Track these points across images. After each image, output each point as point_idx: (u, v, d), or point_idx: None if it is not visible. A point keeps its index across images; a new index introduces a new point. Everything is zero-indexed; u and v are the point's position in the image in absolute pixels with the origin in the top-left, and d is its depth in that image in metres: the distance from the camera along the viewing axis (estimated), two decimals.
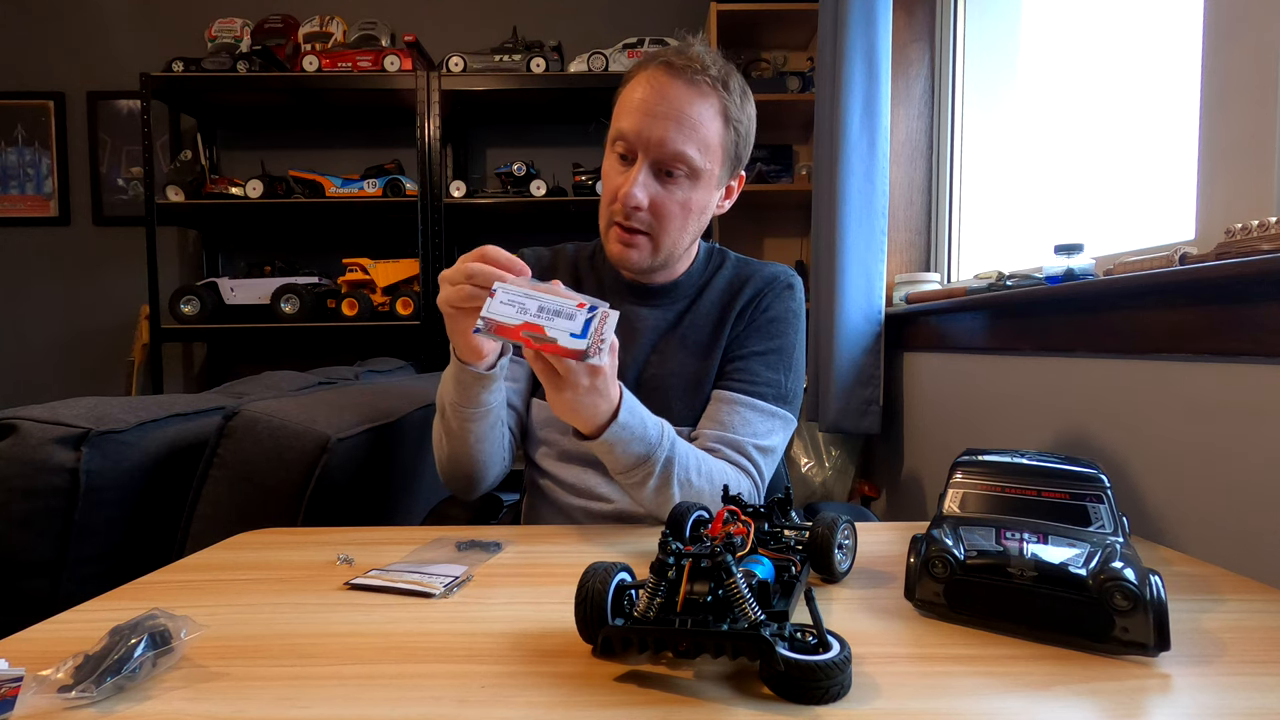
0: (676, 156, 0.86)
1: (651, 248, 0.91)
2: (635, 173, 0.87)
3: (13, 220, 2.81)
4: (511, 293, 0.65)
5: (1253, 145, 0.88)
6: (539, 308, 0.64)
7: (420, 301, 2.49)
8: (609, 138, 0.91)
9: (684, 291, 0.99)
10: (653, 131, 0.86)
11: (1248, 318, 0.77)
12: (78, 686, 0.42)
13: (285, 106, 2.69)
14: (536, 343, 0.63)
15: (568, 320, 0.63)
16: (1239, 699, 0.42)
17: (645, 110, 0.86)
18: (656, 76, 0.87)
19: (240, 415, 0.94)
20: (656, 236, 0.91)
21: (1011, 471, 0.59)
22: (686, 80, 0.86)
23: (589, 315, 0.64)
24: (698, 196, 0.90)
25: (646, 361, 0.96)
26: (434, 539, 0.76)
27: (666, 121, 0.85)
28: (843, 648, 0.42)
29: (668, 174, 0.88)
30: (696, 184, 0.89)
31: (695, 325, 0.97)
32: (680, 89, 0.86)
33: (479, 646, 0.49)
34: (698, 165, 0.88)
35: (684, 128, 0.86)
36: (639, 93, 0.88)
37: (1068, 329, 1.10)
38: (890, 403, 1.86)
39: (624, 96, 0.90)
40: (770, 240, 2.81)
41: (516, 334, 0.63)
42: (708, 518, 0.65)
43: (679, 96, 0.86)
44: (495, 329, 0.64)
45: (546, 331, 0.63)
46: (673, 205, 0.89)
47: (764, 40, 2.70)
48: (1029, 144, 1.70)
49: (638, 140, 0.87)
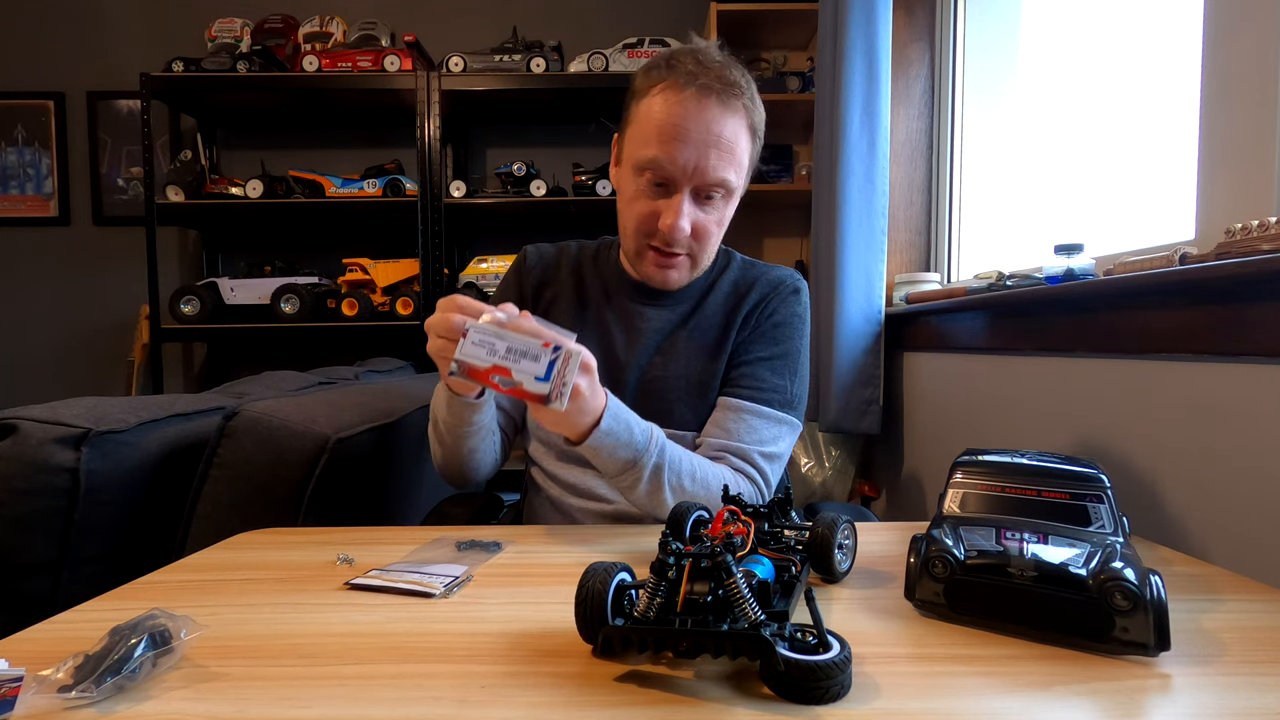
0: (719, 184, 0.86)
1: (690, 266, 0.93)
2: (679, 204, 0.86)
3: (13, 220, 2.81)
4: (483, 332, 0.67)
5: (1253, 145, 0.88)
6: (507, 349, 0.66)
7: (420, 302, 2.49)
8: (634, 160, 0.88)
9: (690, 292, 0.99)
10: (694, 160, 0.84)
11: (1248, 318, 0.77)
12: (78, 686, 0.42)
13: (285, 106, 2.69)
14: (504, 387, 0.66)
15: (533, 362, 0.66)
16: (1239, 699, 0.42)
17: (682, 136, 0.83)
18: (689, 100, 0.84)
19: (240, 415, 0.94)
20: (696, 256, 0.92)
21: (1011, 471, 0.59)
22: (721, 102, 0.84)
23: (553, 356, 0.66)
24: (729, 211, 0.92)
25: (650, 362, 0.96)
26: (434, 539, 0.76)
27: (706, 149, 0.84)
28: (843, 648, 0.42)
29: (706, 197, 0.88)
30: (729, 201, 0.91)
31: (701, 328, 0.97)
32: (715, 112, 0.84)
33: (479, 646, 0.49)
34: (734, 186, 0.89)
35: (723, 153, 0.85)
36: (670, 115, 0.84)
37: (1068, 329, 1.10)
38: (890, 403, 1.86)
39: (645, 112, 0.87)
40: (770, 240, 2.81)
41: (486, 377, 0.66)
42: (708, 518, 0.65)
43: (715, 120, 0.84)
44: (468, 372, 0.66)
45: (513, 374, 0.66)
46: (711, 226, 0.90)
47: (764, 40, 2.70)
48: (1029, 144, 1.70)
49: (678, 171, 0.85)
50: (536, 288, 1.02)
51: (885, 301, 1.80)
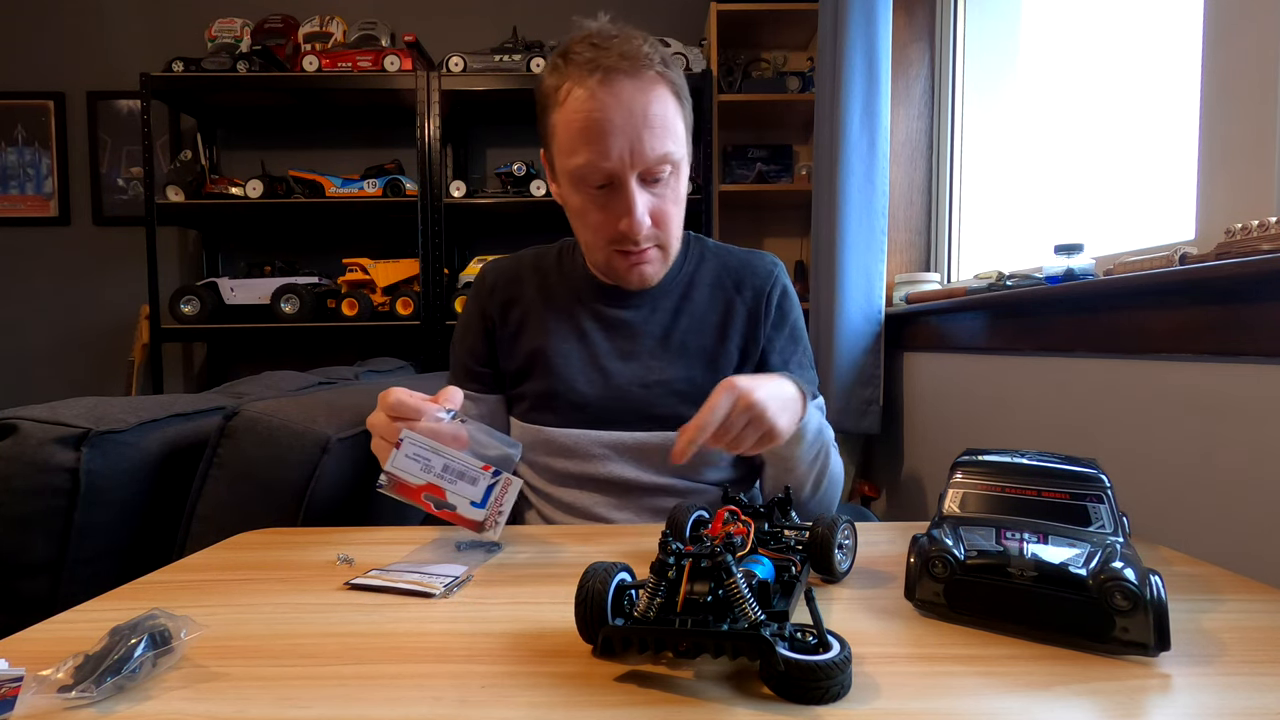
0: (662, 160, 0.81)
1: (662, 256, 0.90)
2: (630, 198, 0.81)
3: (13, 220, 2.82)
4: (418, 445, 0.63)
5: (1253, 145, 0.88)
6: (444, 466, 0.62)
7: (420, 302, 2.49)
8: (569, 173, 0.83)
9: (666, 286, 0.95)
10: (628, 146, 0.79)
11: (1248, 318, 0.77)
12: (78, 686, 0.42)
13: (285, 106, 2.69)
14: (436, 508, 0.62)
15: (470, 485, 0.62)
16: (1239, 699, 0.42)
17: (607, 129, 0.79)
18: (598, 89, 0.78)
19: (240, 415, 0.94)
20: (664, 243, 0.89)
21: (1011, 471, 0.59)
22: (635, 77, 0.79)
23: (491, 482, 0.62)
24: (683, 186, 0.88)
25: (649, 367, 0.93)
26: (434, 539, 0.76)
27: (637, 132, 0.79)
28: (843, 648, 0.42)
29: (654, 179, 0.83)
30: (679, 174, 0.86)
31: (695, 326, 0.94)
32: (631, 89, 0.79)
33: (479, 646, 0.49)
34: (678, 158, 0.84)
35: (655, 129, 0.80)
36: (587, 113, 0.79)
37: (1068, 329, 1.10)
38: (890, 403, 1.86)
39: (564, 121, 0.81)
40: (770, 240, 2.81)
41: (417, 496, 0.62)
42: (708, 518, 0.65)
43: (635, 97, 0.79)
44: (397, 488, 0.62)
45: (447, 496, 0.62)
46: (669, 206, 0.86)
47: (764, 40, 2.70)
48: (1029, 144, 1.70)
49: (615, 165, 0.80)
50: (502, 309, 0.96)
51: (885, 301, 1.80)
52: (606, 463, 0.90)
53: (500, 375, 0.97)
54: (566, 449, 0.91)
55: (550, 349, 0.93)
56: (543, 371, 0.92)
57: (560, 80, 0.82)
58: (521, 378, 0.95)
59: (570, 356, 0.92)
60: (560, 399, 0.91)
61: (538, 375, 0.93)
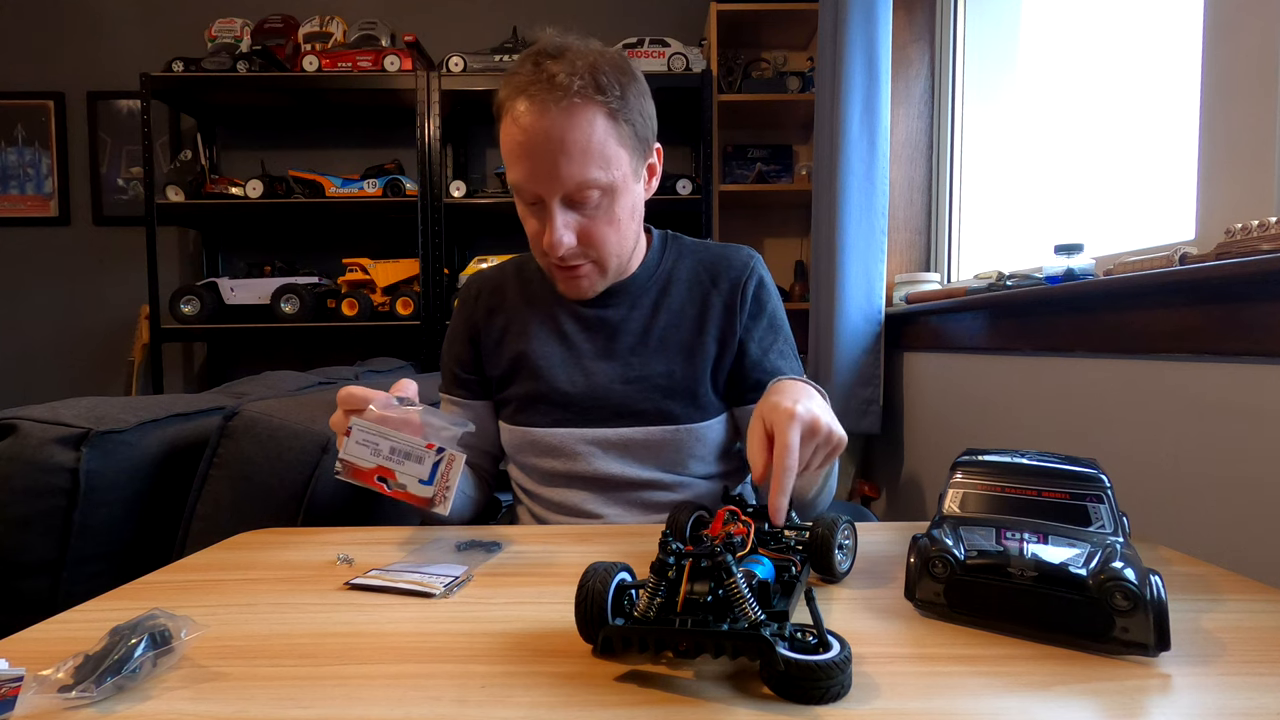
0: (580, 185, 0.81)
1: (598, 271, 0.90)
2: (551, 218, 0.82)
3: (13, 220, 2.81)
4: (366, 431, 0.66)
5: (1253, 145, 0.88)
6: (391, 449, 0.65)
7: (420, 302, 2.49)
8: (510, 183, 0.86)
9: (644, 284, 0.96)
10: (547, 172, 0.81)
11: (1248, 318, 0.77)
12: (78, 686, 0.42)
13: (285, 106, 2.69)
14: (389, 489, 0.65)
15: (416, 464, 0.65)
16: (1239, 699, 0.42)
17: (527, 154, 0.81)
18: (522, 116, 0.80)
19: (240, 415, 0.94)
20: (600, 260, 0.88)
21: (1011, 471, 0.59)
22: (555, 102, 0.79)
23: (436, 458, 0.65)
24: (621, 205, 0.86)
25: (628, 363, 0.93)
26: (434, 539, 0.76)
27: (554, 159, 0.80)
28: (843, 648, 0.42)
29: (580, 203, 0.83)
30: (615, 196, 0.85)
31: (673, 322, 0.94)
32: (550, 119, 0.79)
33: (479, 646, 0.49)
34: (606, 181, 0.82)
35: (574, 157, 0.80)
36: (512, 136, 0.81)
37: (1068, 329, 1.10)
38: (890, 403, 1.86)
39: (503, 136, 0.84)
40: (770, 240, 2.81)
41: (370, 479, 0.65)
42: (708, 518, 0.65)
43: (553, 128, 0.79)
44: (352, 472, 0.65)
45: (397, 476, 0.65)
46: (600, 227, 0.85)
47: (764, 40, 2.70)
48: (1029, 143, 1.70)
49: (536, 186, 0.82)
50: (487, 316, 0.99)
51: (885, 301, 1.80)
52: (592, 460, 0.91)
53: (487, 382, 0.99)
54: (553, 448, 0.92)
55: (532, 352, 0.94)
56: (527, 374, 0.94)
57: (503, 98, 0.83)
58: (506, 382, 0.97)
59: (552, 358, 0.94)
60: (544, 400, 0.93)
61: (522, 378, 0.95)
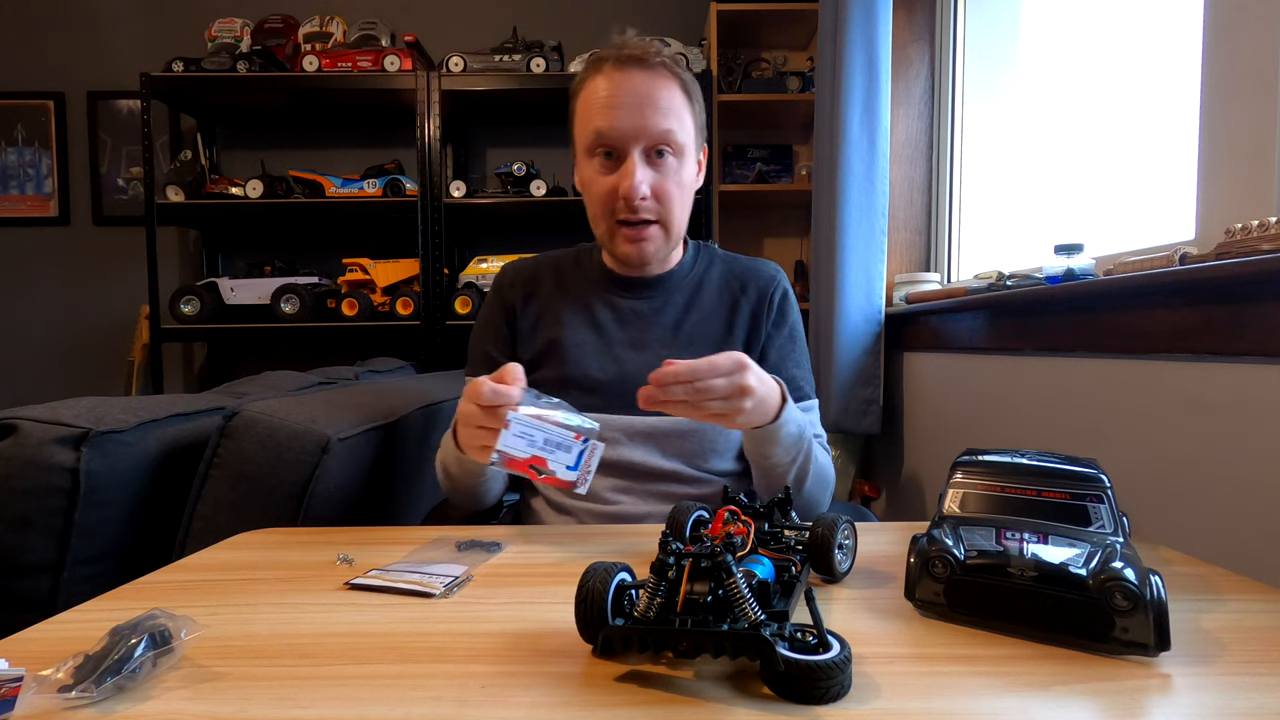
0: (664, 135, 0.89)
1: (663, 235, 0.94)
2: (631, 165, 0.89)
3: (13, 220, 2.81)
4: (523, 424, 0.70)
5: (1253, 145, 0.88)
6: (545, 440, 0.70)
7: (420, 302, 2.49)
8: (584, 145, 0.93)
9: (678, 284, 1.01)
10: (633, 120, 0.88)
11: (1248, 318, 0.77)
12: (78, 686, 0.42)
13: (285, 106, 2.69)
14: (539, 475, 0.70)
15: (565, 453, 0.71)
16: (1239, 699, 0.42)
17: (617, 104, 0.89)
18: (613, 73, 0.90)
19: (240, 415, 0.94)
20: (665, 221, 0.93)
21: (1011, 471, 0.59)
22: (644, 68, 0.90)
23: (582, 448, 0.71)
24: (687, 171, 0.94)
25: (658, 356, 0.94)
26: (434, 539, 0.76)
27: (642, 108, 0.89)
28: (843, 648, 0.42)
29: (658, 155, 0.90)
30: (683, 160, 0.93)
31: (702, 322, 0.98)
32: (641, 76, 0.90)
33: (479, 646, 0.49)
34: (681, 140, 0.91)
35: (659, 109, 0.89)
36: (602, 91, 0.90)
37: (1068, 329, 1.10)
38: (890, 403, 1.86)
39: (584, 102, 0.93)
40: (770, 240, 2.81)
41: (524, 467, 0.70)
42: (708, 518, 0.65)
43: (644, 83, 0.90)
44: (506, 462, 0.70)
45: (548, 464, 0.70)
46: (670, 186, 0.92)
47: (764, 40, 2.70)
48: (1029, 143, 1.70)
49: (622, 134, 0.89)
50: (523, 300, 1.02)
51: (885, 301, 1.80)
52: (618, 446, 0.93)
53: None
54: None
55: (565, 338, 0.97)
56: (558, 359, 0.96)
57: (585, 73, 0.94)
58: (536, 365, 0.98)
59: (585, 345, 0.97)
60: (574, 385, 0.94)
61: (553, 363, 0.97)
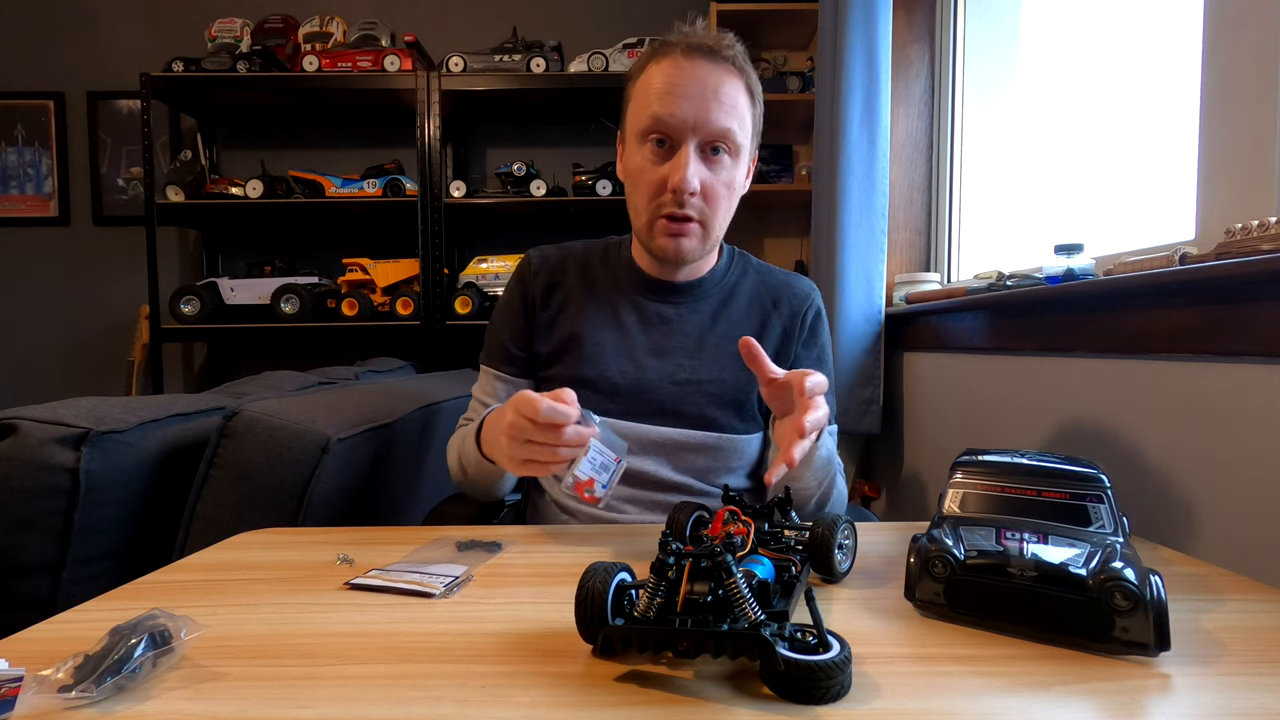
0: (723, 133, 0.85)
1: (702, 234, 0.90)
2: (685, 156, 0.84)
3: (13, 220, 2.81)
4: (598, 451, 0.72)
5: (1253, 145, 0.88)
6: (600, 464, 0.72)
7: (420, 302, 2.49)
8: (636, 130, 0.88)
9: (709, 290, 0.97)
10: (694, 111, 0.84)
11: (1248, 318, 0.77)
12: (78, 686, 0.42)
13: (285, 106, 2.69)
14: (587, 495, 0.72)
15: (605, 473, 0.73)
16: (1239, 699, 0.42)
17: (680, 92, 0.84)
18: (681, 60, 0.85)
19: (240, 415, 0.94)
20: (707, 221, 0.89)
21: (1011, 471, 0.59)
22: (713, 60, 0.85)
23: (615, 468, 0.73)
24: (738, 175, 0.90)
25: (680, 364, 0.93)
26: (434, 539, 0.76)
27: (705, 102, 0.84)
28: (843, 648, 0.42)
29: (713, 152, 0.86)
30: (737, 162, 0.89)
31: (730, 334, 0.95)
32: (709, 68, 0.85)
33: (479, 646, 0.49)
34: (739, 141, 0.87)
35: (723, 105, 0.85)
36: (665, 77, 0.85)
37: (1068, 329, 1.10)
38: (890, 403, 1.86)
39: (643, 86, 0.88)
40: (770, 240, 2.81)
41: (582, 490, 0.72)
42: (708, 518, 0.65)
43: (710, 75, 0.85)
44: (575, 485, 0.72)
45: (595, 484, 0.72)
46: (720, 187, 0.88)
47: (764, 40, 2.70)
48: (1029, 143, 1.70)
49: (681, 122, 0.84)
50: (545, 291, 0.98)
51: (885, 301, 1.80)
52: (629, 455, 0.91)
53: (534, 359, 0.99)
54: None
55: (586, 335, 0.94)
56: (576, 356, 0.94)
57: (649, 57, 0.89)
58: (553, 360, 0.96)
59: (605, 345, 0.94)
60: (590, 386, 0.92)
61: (570, 360, 0.94)
